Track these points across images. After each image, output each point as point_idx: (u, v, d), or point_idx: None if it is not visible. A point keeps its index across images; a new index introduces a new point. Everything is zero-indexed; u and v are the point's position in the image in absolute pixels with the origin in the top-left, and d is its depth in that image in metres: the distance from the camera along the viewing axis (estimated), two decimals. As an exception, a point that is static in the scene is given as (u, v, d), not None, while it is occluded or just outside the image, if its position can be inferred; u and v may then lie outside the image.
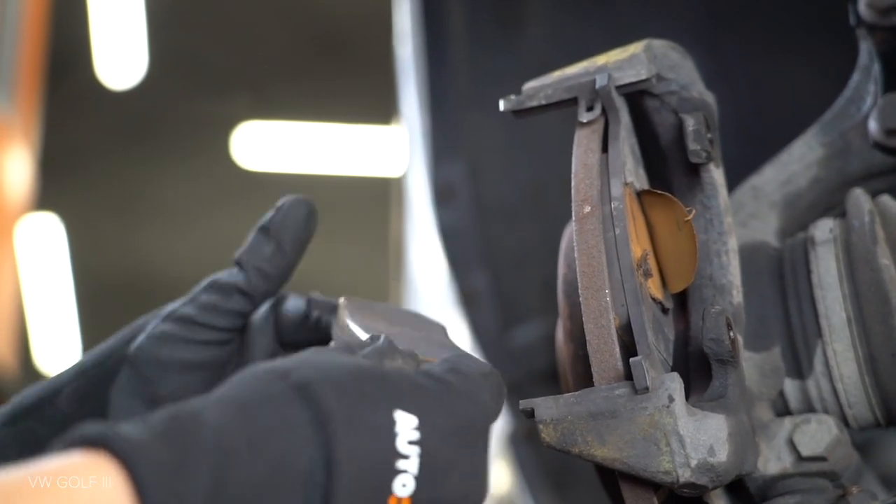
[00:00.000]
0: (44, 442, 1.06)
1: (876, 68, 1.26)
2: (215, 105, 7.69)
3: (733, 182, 1.27)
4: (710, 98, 1.17)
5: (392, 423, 0.81)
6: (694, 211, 1.11)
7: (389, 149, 6.57)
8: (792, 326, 1.13)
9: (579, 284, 1.01)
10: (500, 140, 2.03)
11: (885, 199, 1.17)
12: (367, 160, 7.44)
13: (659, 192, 1.09)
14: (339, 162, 7.65)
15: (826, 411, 1.14)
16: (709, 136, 1.12)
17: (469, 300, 2.00)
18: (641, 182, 1.12)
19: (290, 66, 7.47)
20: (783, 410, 1.15)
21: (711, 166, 1.13)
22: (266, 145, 7.97)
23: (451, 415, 0.85)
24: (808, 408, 1.14)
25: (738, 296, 1.13)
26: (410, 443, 0.81)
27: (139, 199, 8.13)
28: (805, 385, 1.13)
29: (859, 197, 1.16)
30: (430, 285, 2.17)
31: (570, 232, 1.15)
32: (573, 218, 1.04)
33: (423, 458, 0.81)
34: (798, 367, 1.13)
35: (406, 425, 0.81)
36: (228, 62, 7.48)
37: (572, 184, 1.06)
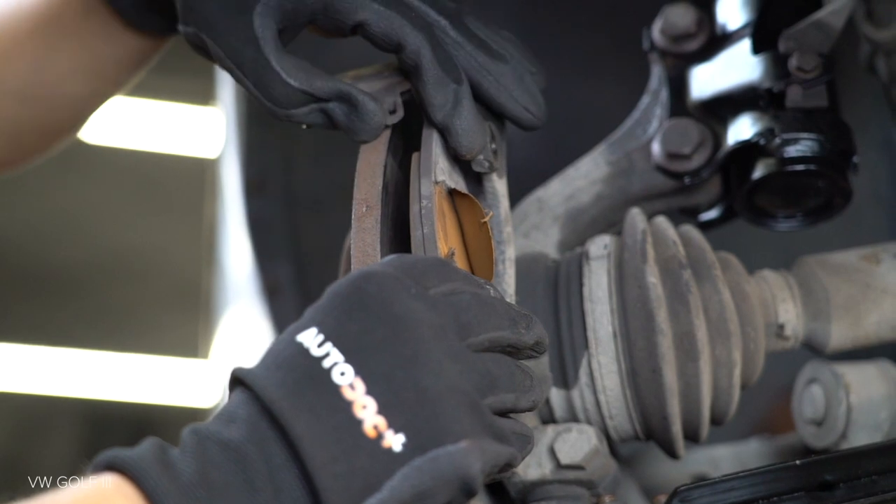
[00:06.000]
0: None
1: (664, 93, 1.30)
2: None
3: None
4: (499, 110, 1.18)
5: None
6: (491, 213, 1.13)
7: (207, 130, 6.46)
8: (561, 337, 1.16)
9: None
10: (316, 132, 2.02)
11: (661, 220, 1.21)
12: (186, 139, 7.30)
13: (463, 192, 1.10)
14: (158, 138, 7.48)
15: (589, 422, 1.17)
16: (493, 146, 1.13)
17: (272, 292, 1.99)
18: (456, 181, 1.13)
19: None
20: (548, 419, 1.18)
21: (494, 176, 1.15)
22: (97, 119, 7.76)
23: None
24: (573, 417, 1.17)
25: (511, 305, 1.15)
26: None
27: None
28: (570, 395, 1.16)
29: (635, 216, 1.20)
30: (238, 274, 2.15)
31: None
32: (353, 216, 1.05)
33: None
34: (564, 376, 1.16)
35: None
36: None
37: (355, 182, 1.07)
